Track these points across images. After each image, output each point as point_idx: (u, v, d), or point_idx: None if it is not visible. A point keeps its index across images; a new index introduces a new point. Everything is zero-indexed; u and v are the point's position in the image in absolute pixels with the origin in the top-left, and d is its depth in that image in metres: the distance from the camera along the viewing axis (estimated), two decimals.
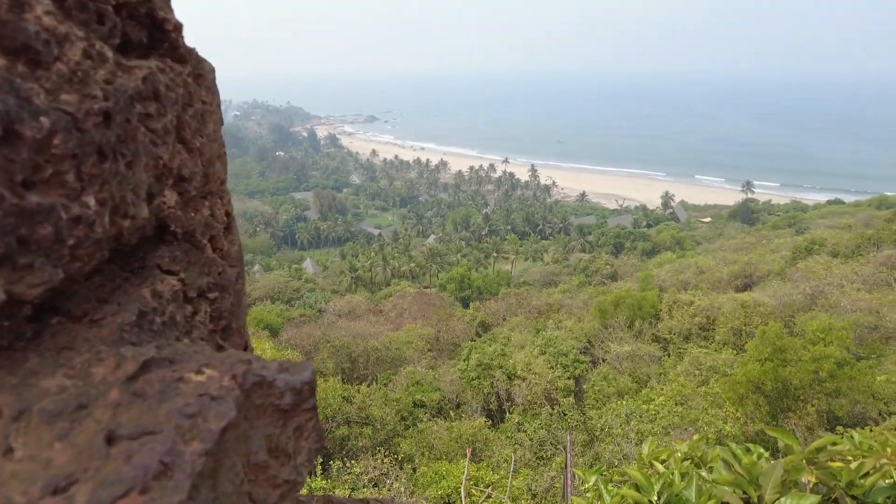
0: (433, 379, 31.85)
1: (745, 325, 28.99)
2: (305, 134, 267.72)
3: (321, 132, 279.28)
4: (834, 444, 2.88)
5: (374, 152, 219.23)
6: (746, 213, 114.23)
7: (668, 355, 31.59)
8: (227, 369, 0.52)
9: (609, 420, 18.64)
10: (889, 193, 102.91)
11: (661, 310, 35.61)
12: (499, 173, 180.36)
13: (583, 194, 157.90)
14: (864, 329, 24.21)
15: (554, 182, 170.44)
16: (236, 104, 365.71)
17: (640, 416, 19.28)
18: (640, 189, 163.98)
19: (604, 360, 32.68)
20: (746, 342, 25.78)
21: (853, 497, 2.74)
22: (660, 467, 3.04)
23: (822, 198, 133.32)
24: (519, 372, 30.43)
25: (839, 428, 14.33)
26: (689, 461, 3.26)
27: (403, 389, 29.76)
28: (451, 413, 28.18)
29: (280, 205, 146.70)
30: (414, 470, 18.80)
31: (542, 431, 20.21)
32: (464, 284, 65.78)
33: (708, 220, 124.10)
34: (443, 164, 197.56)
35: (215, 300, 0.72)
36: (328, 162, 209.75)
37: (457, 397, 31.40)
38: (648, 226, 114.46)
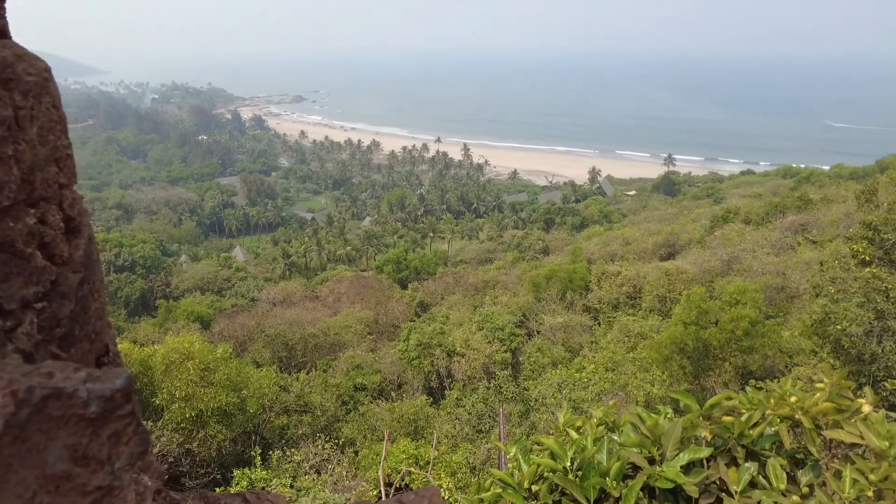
0: (373, 362, 31.84)
1: (669, 292, 30.56)
2: (229, 116, 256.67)
3: (246, 114, 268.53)
4: (728, 398, 3.11)
5: (303, 133, 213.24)
6: (669, 186, 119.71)
7: (599, 324, 32.89)
8: (3, 385, 0.50)
9: (543, 390, 19.29)
10: (793, 164, 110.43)
11: (590, 281, 36.94)
12: (432, 153, 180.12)
13: (514, 172, 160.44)
14: (772, 290, 26.13)
15: (486, 161, 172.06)
16: (153, 87, 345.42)
17: (574, 385, 20.04)
18: (569, 165, 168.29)
19: (538, 332, 33.63)
20: (671, 308, 27.24)
21: (743, 446, 2.99)
22: (574, 434, 3.19)
23: (737, 169, 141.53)
24: (458, 349, 30.89)
25: (752, 381, 15.48)
26: (603, 426, 3.44)
27: (343, 374, 29.61)
28: (393, 394, 28.33)
29: (205, 191, 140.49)
30: (356, 453, 18.84)
31: (480, 405, 20.68)
32: (401, 266, 65.69)
33: (633, 193, 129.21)
34: (375, 144, 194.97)
35: (45, 309, 0.70)
36: (255, 145, 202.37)
37: (398, 378, 31.55)
38: (577, 201, 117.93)
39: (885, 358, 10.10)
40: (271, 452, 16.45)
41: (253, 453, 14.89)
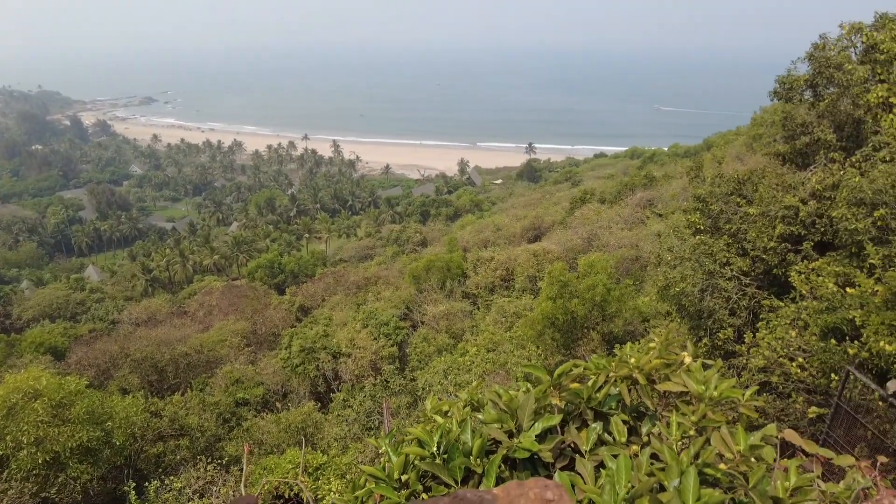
0: (254, 374, 30.54)
1: (538, 272, 32.38)
2: (68, 122, 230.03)
3: (88, 119, 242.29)
4: (575, 366, 3.39)
5: (155, 137, 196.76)
6: (531, 173, 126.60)
7: (478, 308, 34.09)
8: None
9: (430, 378, 19.68)
10: (639, 145, 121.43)
11: (467, 268, 38.13)
12: (300, 151, 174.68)
13: (387, 167, 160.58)
14: (628, 261, 28.73)
15: (358, 157, 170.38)
16: None
17: (458, 369, 20.66)
18: (439, 158, 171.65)
19: (423, 323, 34.14)
20: (541, 286, 28.89)
21: (591, 409, 3.28)
22: (439, 419, 3.31)
23: (591, 153, 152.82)
24: (344, 349, 30.48)
25: (616, 346, 16.94)
26: (469, 407, 3.60)
27: (222, 391, 28.06)
28: (278, 405, 27.37)
29: (46, 207, 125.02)
30: (241, 470, 17.99)
31: (368, 402, 20.63)
32: (276, 270, 63.25)
33: (500, 181, 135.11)
34: (237, 144, 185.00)
35: None
36: (101, 153, 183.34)
37: (282, 387, 30.50)
38: (449, 192, 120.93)
39: (716, 312, 11.58)
40: (147, 484, 15.26)
41: (126, 488, 13.72)
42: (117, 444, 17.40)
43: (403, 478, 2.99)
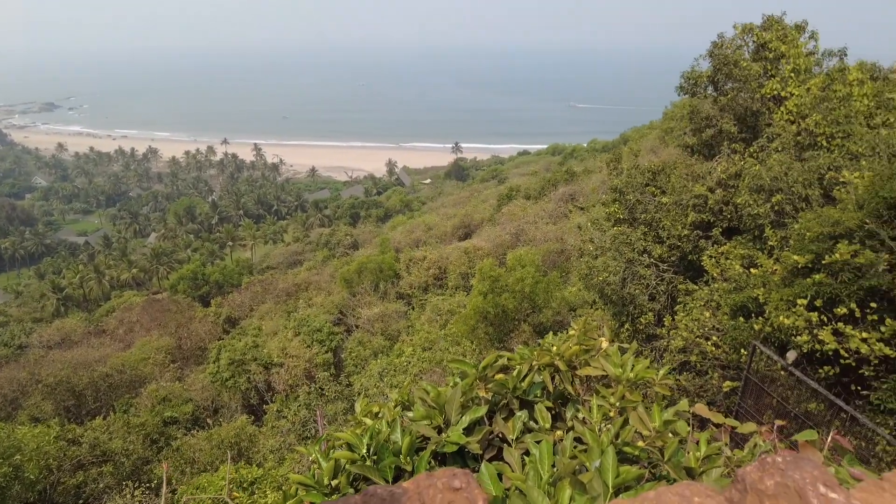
0: (182, 391, 29.22)
1: (469, 269, 32.79)
2: None
3: None
4: (499, 357, 3.47)
5: (60, 146, 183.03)
6: (459, 171, 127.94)
7: (413, 308, 34.10)
8: None
9: (366, 382, 19.51)
10: (559, 142, 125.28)
11: (400, 269, 38.04)
12: (220, 156, 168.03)
13: (313, 169, 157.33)
14: (554, 254, 29.63)
15: (282, 160, 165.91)
16: None
17: (394, 370, 20.60)
18: (367, 159, 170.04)
19: (357, 327, 33.77)
20: (473, 283, 29.28)
21: (517, 398, 3.37)
22: (368, 421, 3.30)
23: (514, 151, 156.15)
24: (276, 359, 29.67)
25: (547, 335, 17.42)
26: (399, 407, 3.62)
27: (148, 411, 26.66)
28: (210, 421, 26.33)
29: None
30: (174, 492, 17.18)
31: (303, 411, 20.19)
32: (199, 281, 60.64)
33: (428, 181, 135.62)
34: (152, 151, 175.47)
35: None
36: None
37: (213, 403, 29.35)
38: (378, 193, 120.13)
39: (637, 298, 12.18)
40: None
41: None
42: (30, 477, 16.17)
43: (334, 483, 2.96)
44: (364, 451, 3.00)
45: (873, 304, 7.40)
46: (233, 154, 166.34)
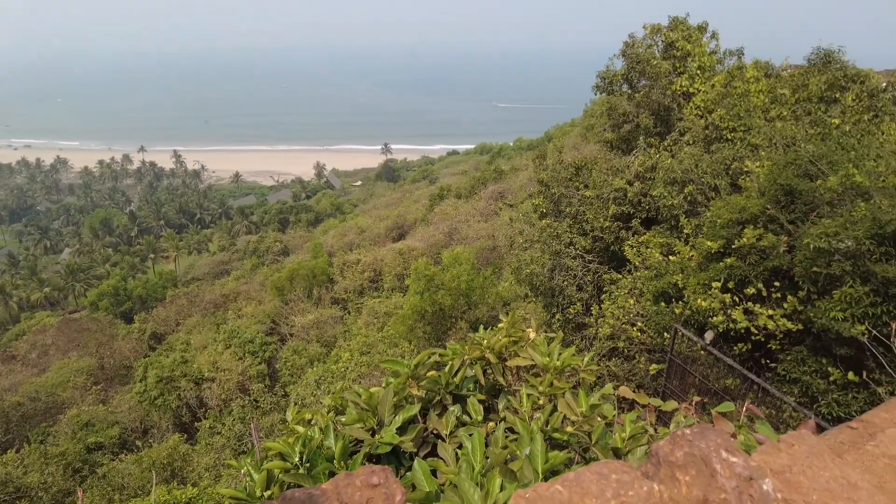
0: (107, 414, 27.66)
1: (405, 270, 32.74)
2: None
3: None
4: (430, 355, 3.51)
5: None
6: (390, 173, 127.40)
7: (349, 313, 33.67)
8: None
9: (302, 391, 19.10)
10: (487, 141, 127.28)
11: (333, 273, 37.47)
12: (136, 164, 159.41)
13: (237, 175, 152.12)
14: (486, 251, 30.08)
15: (203, 166, 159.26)
16: None
17: (332, 377, 20.28)
18: (294, 162, 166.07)
19: (291, 335, 33.01)
20: (408, 283, 29.26)
21: (450, 393, 3.41)
22: (299, 429, 3.25)
23: (444, 151, 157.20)
24: (207, 373, 28.58)
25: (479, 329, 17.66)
26: (333, 412, 3.58)
27: (69, 438, 25.02)
28: (139, 443, 25.01)
29: None
30: None
31: (238, 426, 19.54)
32: (120, 297, 57.40)
33: (359, 183, 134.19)
34: (62, 162, 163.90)
35: None
36: None
37: (141, 424, 27.94)
38: (308, 197, 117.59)
39: (565, 289, 12.60)
40: None
41: None
42: None
43: (267, 494, 2.90)
44: (297, 459, 2.95)
45: (777, 283, 7.99)
46: (151, 162, 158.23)
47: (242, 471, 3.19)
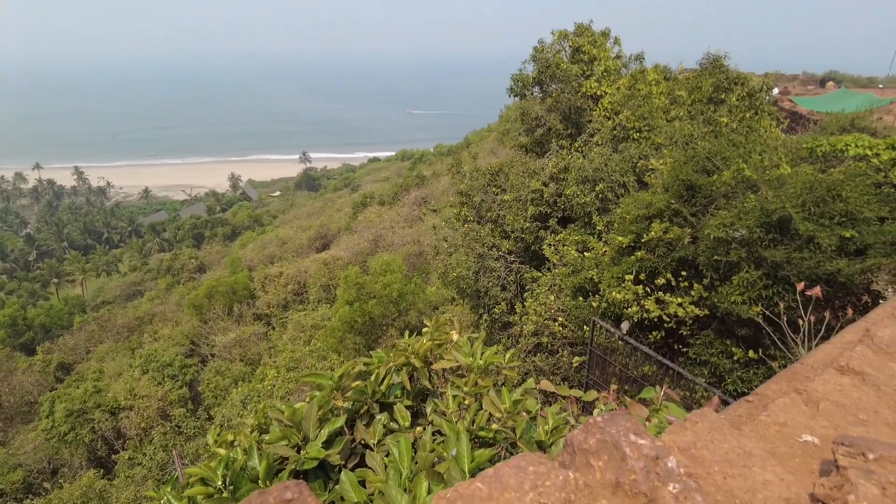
0: (7, 457, 25.35)
1: (331, 281, 32.16)
2: None
3: None
4: (354, 365, 3.49)
5: None
6: (310, 182, 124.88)
7: (274, 328, 32.66)
8: None
9: (227, 412, 18.33)
10: (408, 147, 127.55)
11: (255, 288, 36.24)
12: (32, 183, 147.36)
13: (146, 191, 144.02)
14: (413, 257, 30.10)
15: (109, 183, 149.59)
16: None
17: (259, 396, 19.60)
18: (207, 175, 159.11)
19: (213, 356, 31.60)
20: (335, 294, 28.76)
21: (378, 402, 3.41)
22: (221, 451, 3.14)
23: (364, 158, 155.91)
24: (123, 402, 26.85)
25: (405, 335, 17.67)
26: (257, 431, 3.48)
27: None
28: (47, 485, 23.08)
29: None
30: None
31: (160, 454, 18.47)
32: (20, 328, 52.80)
33: (278, 193, 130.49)
34: None
35: None
36: None
37: (50, 463, 25.83)
38: (223, 210, 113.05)
39: (490, 290, 12.87)
40: None
41: None
42: None
43: None
44: (220, 482, 2.85)
45: (684, 273, 8.53)
46: (49, 180, 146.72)
47: (162, 501, 3.04)
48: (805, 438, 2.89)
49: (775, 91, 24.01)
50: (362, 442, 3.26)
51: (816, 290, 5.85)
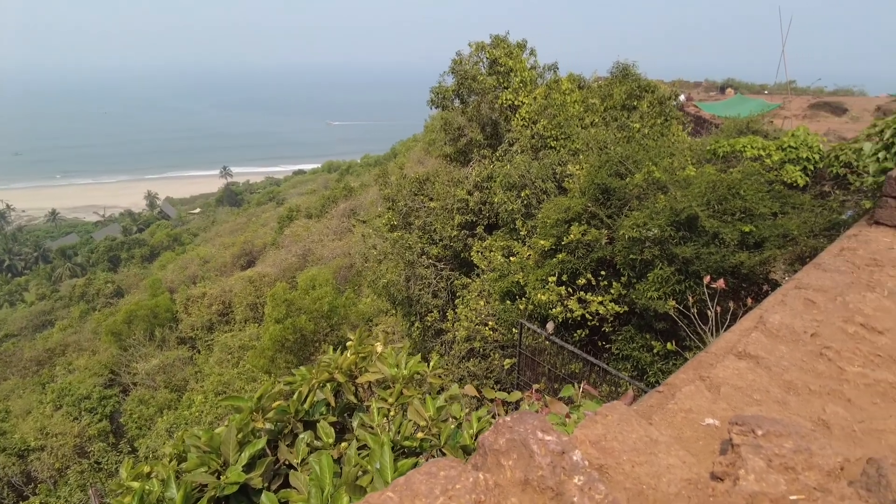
0: None
1: (257, 299, 31.17)
2: None
3: None
4: (274, 385, 3.42)
5: None
6: (232, 197, 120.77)
7: (199, 352, 31.29)
8: None
9: (152, 443, 17.36)
10: (334, 159, 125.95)
11: (177, 311, 34.60)
12: None
13: (54, 213, 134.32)
14: (344, 269, 29.68)
15: (10, 206, 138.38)
16: None
17: (186, 423, 18.70)
18: (122, 194, 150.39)
19: (135, 384, 29.85)
20: (263, 313, 27.91)
21: (301, 420, 3.36)
22: (135, 485, 3.00)
23: (289, 171, 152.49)
24: (33, 442, 24.83)
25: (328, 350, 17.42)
26: (175, 461, 3.34)
27: None
28: None
29: None
30: None
31: (77, 495, 17.23)
32: None
33: (198, 210, 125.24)
34: None
35: None
36: None
37: None
38: (140, 230, 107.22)
39: (422, 298, 12.93)
40: None
41: None
42: None
43: None
44: None
45: (603, 272, 8.91)
46: None
47: None
48: (708, 422, 3.10)
49: (681, 97, 25.58)
50: (286, 462, 3.21)
51: (720, 283, 6.28)
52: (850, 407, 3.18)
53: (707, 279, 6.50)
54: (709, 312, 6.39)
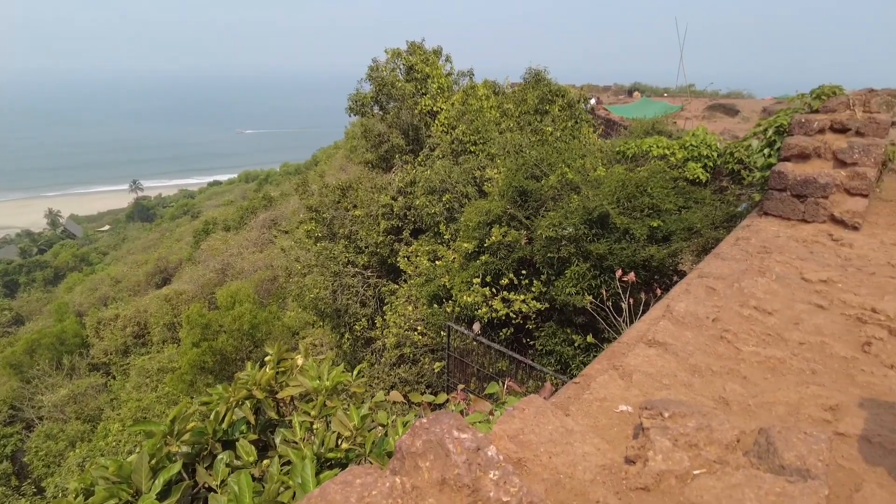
0: None
1: (175, 318, 29.66)
2: None
3: None
4: (187, 407, 3.29)
5: None
6: (143, 211, 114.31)
7: (114, 378, 29.37)
8: None
9: (61, 480, 16.10)
10: (251, 169, 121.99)
11: (87, 336, 32.33)
12: None
13: None
14: (266, 282, 28.78)
15: None
16: None
17: (102, 454, 17.48)
18: (18, 213, 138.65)
19: (41, 419, 27.58)
20: (180, 334, 26.55)
21: (220, 440, 3.25)
22: None
23: (204, 182, 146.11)
24: None
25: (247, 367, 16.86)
26: (82, 496, 3.13)
27: None
28: None
29: None
30: None
31: None
32: None
33: (107, 227, 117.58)
34: None
35: None
36: None
37: None
38: (42, 251, 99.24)
39: (350, 308, 12.78)
40: None
41: None
42: None
43: None
44: None
45: (524, 272, 9.17)
46: None
47: None
48: (621, 409, 3.27)
49: (593, 101, 26.68)
50: (206, 485, 3.09)
51: (631, 276, 6.62)
52: (745, 383, 3.45)
53: (619, 273, 6.84)
54: (623, 304, 6.72)
